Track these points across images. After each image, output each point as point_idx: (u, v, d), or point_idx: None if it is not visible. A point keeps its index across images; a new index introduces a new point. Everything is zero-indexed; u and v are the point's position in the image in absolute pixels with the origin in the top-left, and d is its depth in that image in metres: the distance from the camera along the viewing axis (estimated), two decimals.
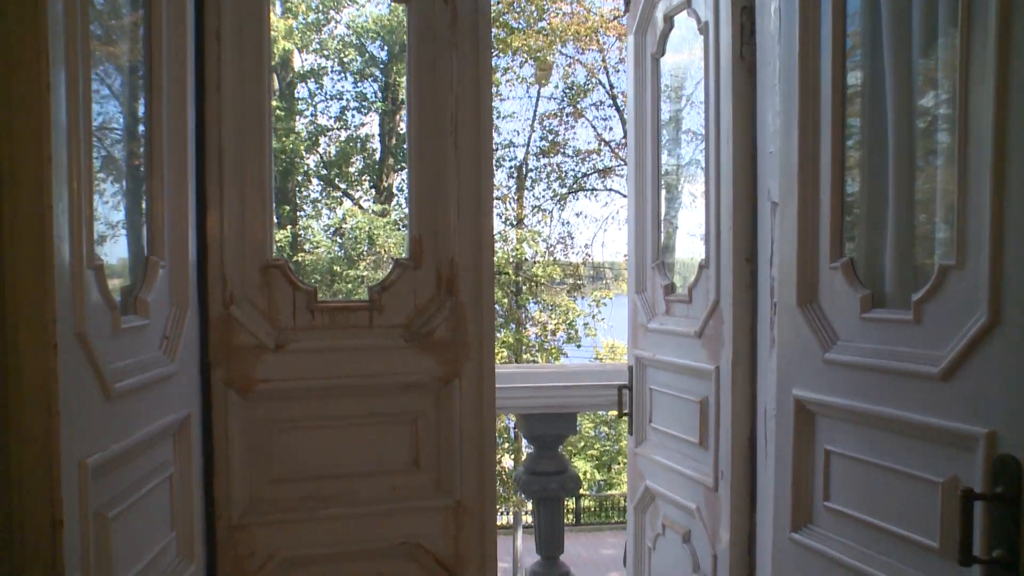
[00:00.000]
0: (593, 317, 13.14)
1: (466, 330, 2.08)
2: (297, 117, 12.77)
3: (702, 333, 2.18)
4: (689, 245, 2.35)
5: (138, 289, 1.48)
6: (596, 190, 14.77)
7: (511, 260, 12.57)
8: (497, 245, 12.45)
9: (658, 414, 2.49)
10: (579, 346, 12.98)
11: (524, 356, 12.71)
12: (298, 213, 13.05)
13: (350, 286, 11.41)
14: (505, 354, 12.23)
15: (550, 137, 14.39)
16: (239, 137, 1.89)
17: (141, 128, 1.52)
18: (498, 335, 12.25)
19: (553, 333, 12.80)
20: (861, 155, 1.59)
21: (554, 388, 2.91)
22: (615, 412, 3.58)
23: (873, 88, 1.54)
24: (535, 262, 12.97)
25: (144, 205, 1.50)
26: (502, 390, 2.58)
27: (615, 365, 3.32)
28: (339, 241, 12.14)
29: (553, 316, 12.95)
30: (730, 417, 2.05)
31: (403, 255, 2.05)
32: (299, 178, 12.98)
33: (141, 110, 1.49)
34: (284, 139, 11.81)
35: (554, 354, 12.69)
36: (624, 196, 14.09)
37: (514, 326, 13.05)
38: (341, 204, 13.27)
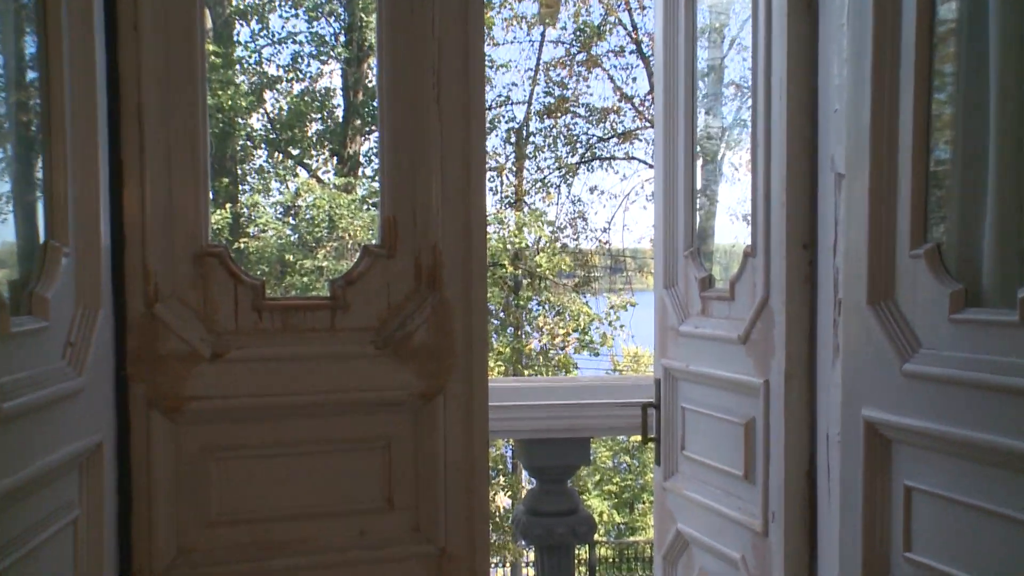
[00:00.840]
0: (610, 323, 12.94)
1: (452, 334, 2.10)
2: (237, 66, 12.74)
3: (747, 338, 2.20)
4: (731, 228, 2.39)
5: (33, 283, 1.46)
6: (615, 159, 14.75)
7: (508, 248, 12.57)
8: (491, 229, 12.46)
9: (693, 439, 2.51)
10: (596, 354, 12.96)
11: (524, 370, 12.69)
12: (240, 187, 13.06)
13: (306, 279, 11.45)
14: (501, 367, 12.25)
15: (557, 92, 14.35)
16: (164, 89, 1.89)
17: (31, 74, 1.47)
18: (492, 342, 12.21)
19: (560, 341, 12.74)
20: (954, 112, 1.59)
21: (562, 407, 2.94)
22: (638, 437, 3.60)
23: (973, 25, 1.53)
24: (538, 251, 12.95)
25: (39, 175, 1.46)
26: (497, 409, 2.59)
27: (638, 378, 3.33)
28: (292, 223, 12.16)
29: (561, 320, 12.93)
30: (783, 444, 2.07)
31: (373, 241, 2.06)
32: (241, 143, 12.98)
33: (29, 49, 1.43)
34: (221, 93, 11.81)
35: (562, 366, 12.67)
36: (650, 166, 14.12)
37: (512, 331, 13.04)
38: (294, 176, 13.26)
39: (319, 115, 13.56)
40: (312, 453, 2.03)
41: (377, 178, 2.01)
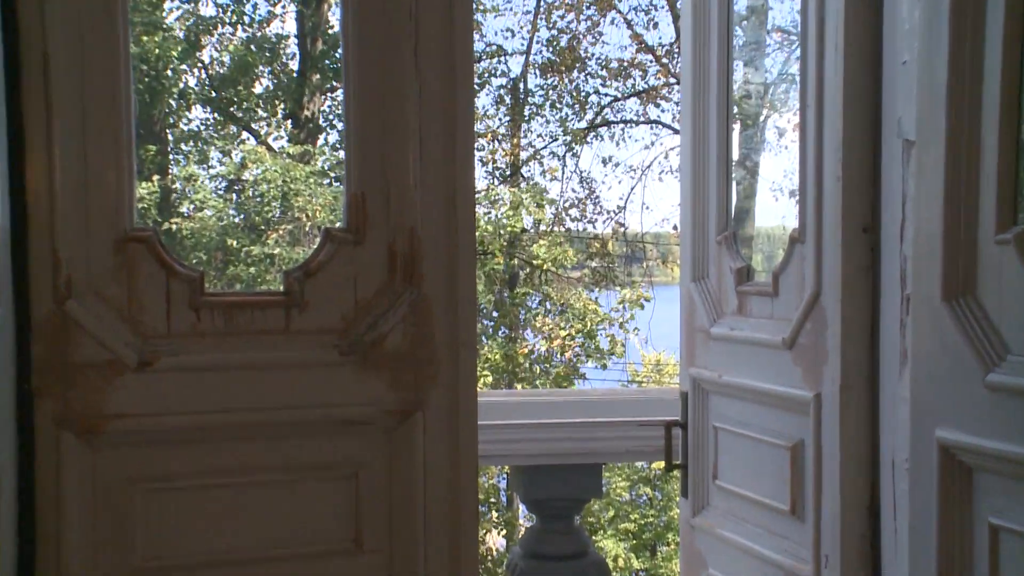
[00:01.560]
0: (620, 325, 12.77)
1: (433, 338, 2.10)
2: (167, 4, 12.67)
3: (795, 342, 2.21)
4: (775, 208, 2.61)
5: None
6: (633, 123, 14.75)
7: (501, 234, 12.54)
8: (480, 210, 12.34)
9: (727, 466, 2.52)
10: (604, 366, 12.91)
11: (519, 382, 12.65)
12: (172, 157, 13.03)
13: (254, 270, 11.44)
14: (491, 378, 12.22)
15: (562, 41, 14.31)
16: (75, 34, 1.87)
17: None
18: (482, 348, 12.13)
19: (562, 345, 12.65)
20: None
21: (568, 426, 2.95)
22: (661, 464, 3.59)
23: None
24: (537, 236, 12.94)
25: None
26: (488, 429, 2.60)
27: (661, 392, 3.41)
28: (236, 201, 12.14)
29: (563, 320, 12.91)
30: (838, 471, 2.07)
31: (337, 223, 2.13)
32: (172, 102, 12.94)
33: None
34: (147, 39, 11.73)
35: (564, 377, 12.62)
36: (676, 132, 14.09)
37: (505, 333, 12.99)
38: (238, 144, 13.22)
39: (269, 68, 13.51)
40: (262, 483, 2.03)
41: (341, 147, 1.99)
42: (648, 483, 14.55)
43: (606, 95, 14.52)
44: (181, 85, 12.90)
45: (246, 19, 13.25)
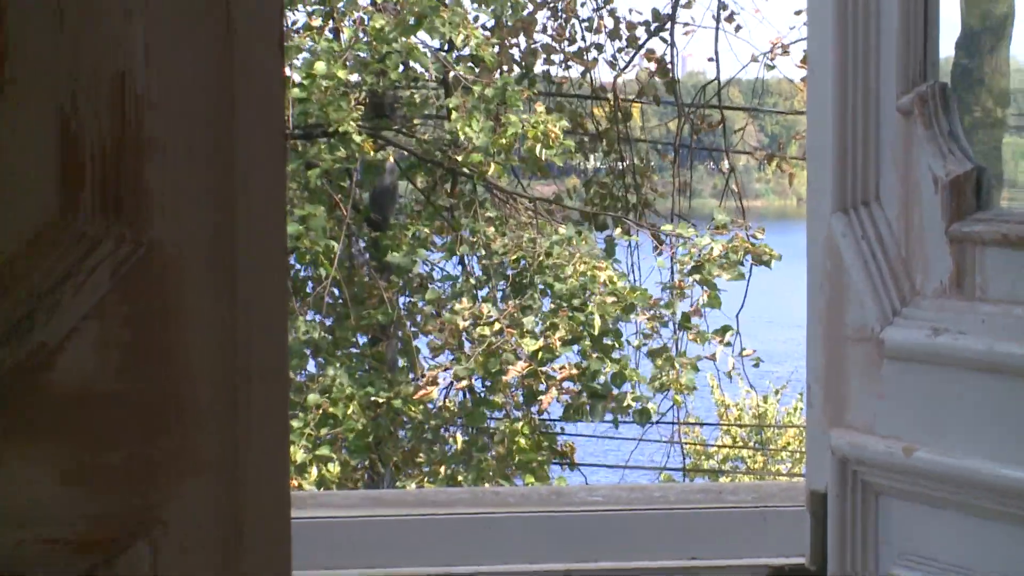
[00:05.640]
0: (664, 322, 7.09)
1: (183, 358, 1.26)
2: None
3: None
4: None
5: None
6: None
7: (370, 88, 7.26)
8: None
9: None
10: (646, 421, 7.01)
11: (418, 477, 7.06)
12: None
13: None
14: (339, 470, 6.32)
15: None
16: None
17: None
18: (312, 384, 6.96)
19: (526, 385, 6.86)
20: None
21: None
22: None
23: None
24: (467, 113, 6.48)
25: None
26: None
27: (757, 491, 2.51)
28: None
29: (527, 308, 6.96)
30: None
31: None
32: None
33: None
34: None
35: (530, 450, 6.85)
36: None
37: (400, 346, 7.63)
38: None
39: None
40: None
41: None
42: None
43: None
44: None
45: None
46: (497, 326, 7.25)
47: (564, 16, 8.72)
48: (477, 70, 7.60)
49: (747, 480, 9.19)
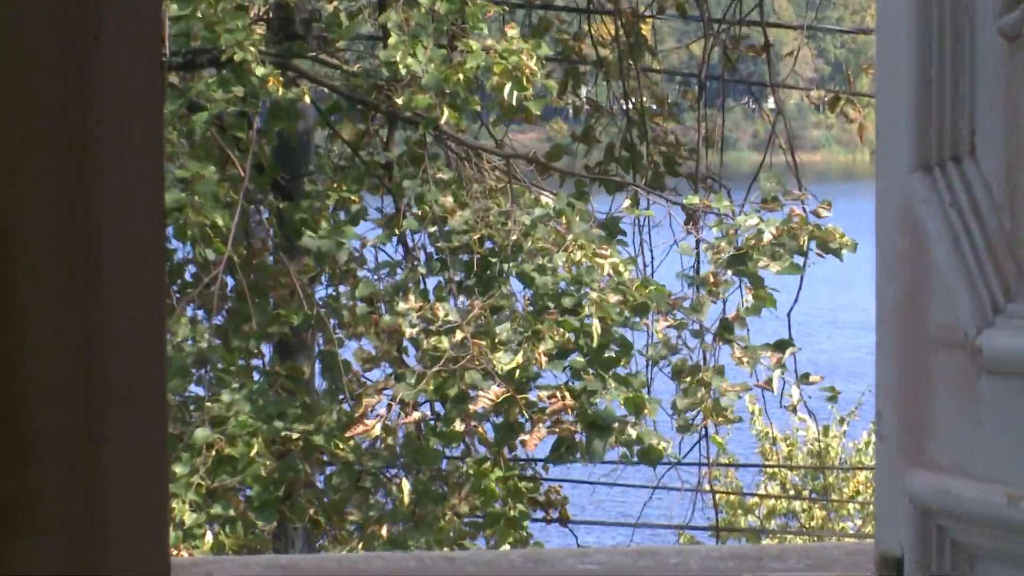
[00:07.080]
0: (695, 329, 8.03)
1: (25, 379, 1.38)
2: None
3: None
4: None
5: None
6: None
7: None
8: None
9: None
10: (651, 463, 8.46)
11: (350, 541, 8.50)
12: None
13: None
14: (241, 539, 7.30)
15: None
16: None
17: None
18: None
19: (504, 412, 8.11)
20: None
21: None
22: None
23: None
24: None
25: None
26: None
27: (806, 555, 2.94)
28: None
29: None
30: None
31: None
32: None
33: None
34: None
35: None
36: None
37: (320, 359, 9.08)
38: None
39: None
40: None
41: None
42: None
43: None
44: None
45: None
46: (459, 335, 7.21)
47: None
48: None
49: (799, 543, 9.35)
